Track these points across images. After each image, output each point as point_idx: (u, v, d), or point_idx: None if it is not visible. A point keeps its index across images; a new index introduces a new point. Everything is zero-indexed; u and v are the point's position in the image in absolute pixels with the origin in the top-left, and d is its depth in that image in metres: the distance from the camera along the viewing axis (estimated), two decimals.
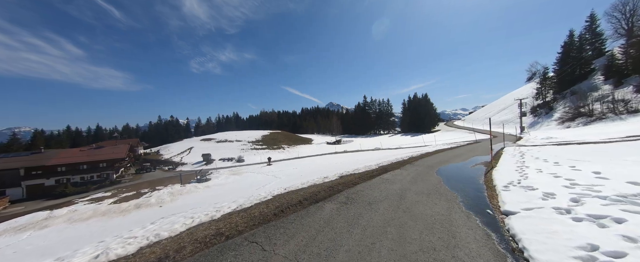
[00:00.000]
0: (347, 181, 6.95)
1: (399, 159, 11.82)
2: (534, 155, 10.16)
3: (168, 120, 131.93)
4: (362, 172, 9.02)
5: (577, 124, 32.21)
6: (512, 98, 72.63)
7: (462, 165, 9.75)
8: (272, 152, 55.05)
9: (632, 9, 53.54)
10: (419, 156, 12.80)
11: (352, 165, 14.45)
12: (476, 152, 14.23)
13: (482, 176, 6.92)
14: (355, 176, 8.16)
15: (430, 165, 9.78)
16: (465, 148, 17.46)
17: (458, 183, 6.09)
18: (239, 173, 34.16)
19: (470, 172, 7.87)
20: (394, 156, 15.43)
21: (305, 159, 42.98)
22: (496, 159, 10.77)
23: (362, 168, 10.85)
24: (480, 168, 8.75)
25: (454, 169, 8.72)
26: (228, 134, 73.96)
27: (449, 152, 14.39)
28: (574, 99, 41.66)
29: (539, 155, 10.26)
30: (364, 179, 7.42)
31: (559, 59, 50.92)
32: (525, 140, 24.50)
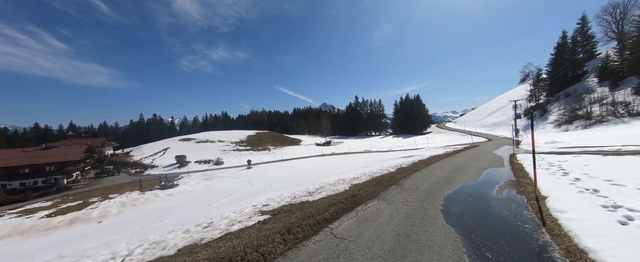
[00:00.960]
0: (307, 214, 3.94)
1: (383, 172, 8.83)
2: (572, 168, 7.41)
3: (151, 119, 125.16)
4: (330, 195, 6.00)
5: (576, 127, 30.50)
6: (503, 100, 71.86)
7: (479, 188, 6.05)
8: (256, 154, 51.48)
9: (622, 12, 53.52)
10: (410, 166, 9.72)
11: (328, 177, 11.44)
12: (482, 160, 11.36)
13: (532, 220, 3.82)
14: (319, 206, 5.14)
15: (429, 189, 6.01)
16: (466, 154, 14.72)
17: (499, 250, 2.95)
18: (213, 177, 30.57)
19: (502, 209, 4.44)
20: (379, 165, 12.48)
21: (289, 162, 39.78)
22: (519, 172, 7.98)
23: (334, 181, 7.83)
24: (512, 196, 5.28)
25: (469, 199, 5.17)
26: (210, 134, 69.65)
27: (448, 161, 11.43)
28: (569, 101, 40.38)
29: (576, 167, 7.50)
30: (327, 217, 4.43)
31: (552, 60, 49.92)
32: (526, 144, 22.21)
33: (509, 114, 57.16)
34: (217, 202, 15.10)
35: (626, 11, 52.30)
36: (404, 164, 10.94)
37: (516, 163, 9.95)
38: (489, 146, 22.58)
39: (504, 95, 77.27)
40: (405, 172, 8.66)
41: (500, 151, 17.37)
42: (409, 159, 13.46)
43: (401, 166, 10.12)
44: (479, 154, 13.98)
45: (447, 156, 13.86)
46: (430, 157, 13.20)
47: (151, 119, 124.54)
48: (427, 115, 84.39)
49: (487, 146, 21.83)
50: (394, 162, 13.25)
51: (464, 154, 14.21)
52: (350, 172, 10.82)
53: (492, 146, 21.75)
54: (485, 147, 20.42)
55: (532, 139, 5.98)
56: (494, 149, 18.25)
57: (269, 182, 21.61)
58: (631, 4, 51.24)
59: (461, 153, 15.41)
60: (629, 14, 52.18)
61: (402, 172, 8.69)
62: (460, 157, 12.94)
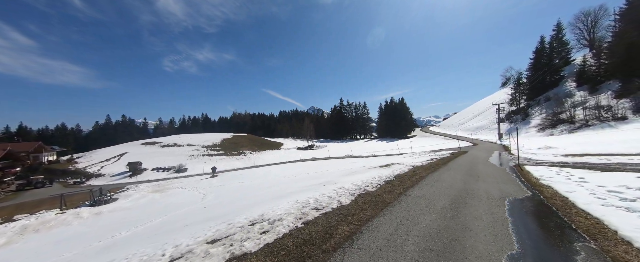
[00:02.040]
0: None
1: (332, 205, 5.42)
2: (599, 186, 4.39)
3: (119, 121, 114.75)
4: None
5: (561, 132, 29.33)
6: (485, 104, 72.45)
7: None
8: (229, 160, 46.75)
9: (593, 20, 55.52)
10: (378, 192, 6.23)
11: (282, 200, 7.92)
12: (484, 177, 7.93)
13: None
14: None
15: None
16: (458, 165, 11.75)
17: None
18: (165, 189, 25.85)
19: None
20: (353, 181, 9.10)
21: (262, 168, 35.73)
22: (567, 208, 4.90)
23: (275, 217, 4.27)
24: None
25: None
26: (180, 138, 63.65)
27: (436, 179, 7.97)
28: (550, 105, 40.01)
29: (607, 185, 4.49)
30: None
31: (532, 65, 50.27)
32: (516, 149, 19.96)
33: (491, 118, 56.95)
34: (122, 234, 10.96)
35: (597, 20, 54.34)
36: (372, 184, 7.56)
37: (537, 183, 6.88)
38: (478, 151, 20.14)
39: (485, 100, 78.22)
40: (366, 209, 5.26)
41: (494, 158, 14.76)
42: (383, 173, 10.20)
43: (365, 191, 6.73)
44: (474, 166, 11.05)
45: (434, 167, 10.77)
46: (411, 171, 10.02)
47: (119, 121, 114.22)
48: (412, 119, 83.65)
49: (476, 152, 19.34)
50: (370, 174, 9.98)
51: (455, 165, 11.22)
52: (302, 194, 7.33)
53: (481, 152, 19.28)
54: (476, 154, 17.85)
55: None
56: (487, 157, 15.63)
57: (225, 197, 17.84)
58: (601, 13, 53.24)
59: (450, 163, 12.48)
60: (599, 22, 54.32)
61: (362, 208, 5.30)
62: (451, 170, 9.89)
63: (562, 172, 8.34)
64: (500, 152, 18.65)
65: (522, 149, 20.01)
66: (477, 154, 17.45)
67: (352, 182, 7.83)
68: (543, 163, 11.02)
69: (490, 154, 17.19)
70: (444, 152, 19.79)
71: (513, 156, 15.11)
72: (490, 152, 19.34)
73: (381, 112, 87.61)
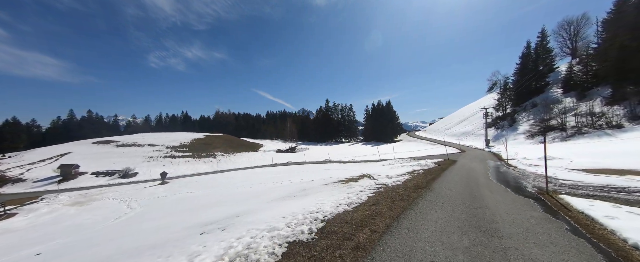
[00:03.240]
0: None
1: None
2: None
3: (85, 117, 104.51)
4: None
5: (553, 139, 27.12)
6: (471, 110, 71.52)
7: None
8: (194, 163, 41.53)
9: (575, 29, 55.72)
10: None
11: None
12: (510, 233, 3.81)
13: None
14: None
15: None
16: (449, 183, 8.13)
17: None
18: (91, 200, 20.69)
19: None
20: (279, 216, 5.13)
21: (227, 174, 31.17)
22: None
23: None
24: None
25: None
26: (143, 136, 57.29)
27: (416, 223, 4.12)
28: (537, 112, 38.45)
29: None
30: None
31: (518, 70, 49.18)
32: (512, 158, 16.95)
33: (477, 123, 55.42)
34: None
35: (579, 28, 54.53)
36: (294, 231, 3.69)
37: None
38: (468, 161, 16.90)
39: (471, 105, 77.51)
40: None
41: (493, 172, 11.39)
42: (332, 201, 6.33)
43: None
44: (474, 190, 7.37)
45: (412, 192, 7.05)
46: (377, 197, 6.27)
47: (84, 117, 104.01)
48: (398, 123, 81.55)
49: (467, 162, 16.05)
50: (293, 211, 6.13)
51: (446, 191, 7.53)
52: None
53: (474, 162, 16.02)
54: (468, 165, 14.50)
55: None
56: (483, 170, 12.26)
57: (151, 215, 13.69)
58: (583, 22, 53.40)
59: (438, 182, 8.84)
60: (581, 31, 54.57)
61: None
62: (440, 201, 6.18)
63: (588, 203, 4.89)
64: (496, 163, 15.45)
65: (516, 157, 17.06)
66: (469, 166, 14.08)
67: (274, 222, 3.89)
68: (579, 187, 7.58)
69: (485, 166, 13.88)
70: (429, 161, 16.44)
71: (518, 172, 11.79)
72: (483, 161, 16.13)
73: (368, 115, 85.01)
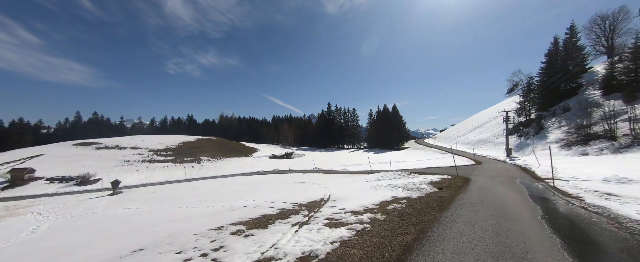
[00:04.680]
0: None
1: None
2: None
3: (92, 119, 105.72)
4: None
5: (600, 150, 20.89)
6: (487, 115, 64.42)
7: None
8: (173, 168, 37.84)
9: (611, 24, 48.43)
10: None
11: None
12: None
13: None
14: None
15: None
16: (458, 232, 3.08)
17: None
18: (15, 213, 16.83)
19: None
20: None
21: (198, 183, 27.01)
22: None
23: None
24: None
25: None
26: (131, 139, 54.82)
27: None
28: (570, 117, 31.93)
29: None
30: None
31: (544, 69, 42.58)
32: (557, 178, 11.25)
33: (495, 130, 48.67)
34: None
35: (616, 23, 47.29)
36: None
37: None
38: (488, 179, 11.56)
39: (487, 110, 70.27)
40: None
41: (542, 209, 6.17)
42: None
43: None
44: None
45: None
46: None
47: (91, 118, 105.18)
48: (405, 128, 75.32)
49: (486, 182, 10.75)
50: None
51: None
52: None
53: (495, 182, 10.71)
54: (488, 187, 9.24)
55: None
56: (519, 202, 7.02)
57: (62, 235, 9.41)
58: (621, 16, 46.16)
59: (431, 236, 3.89)
60: (619, 27, 47.25)
61: None
62: None
63: None
64: (534, 187, 10.02)
65: (561, 175, 11.39)
66: (494, 193, 8.75)
67: None
68: None
69: (520, 194, 8.53)
70: (431, 178, 11.30)
71: (595, 213, 6.50)
72: (512, 183, 10.72)
73: (371, 120, 79.47)
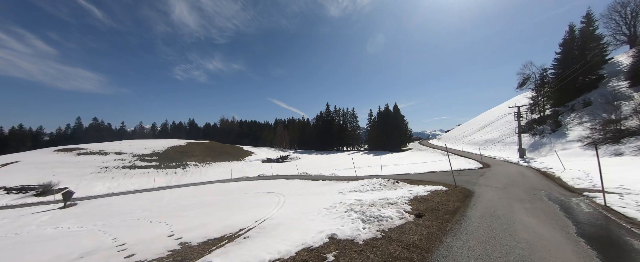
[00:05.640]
0: None
1: None
2: None
3: (93, 124, 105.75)
4: None
5: (638, 150, 16.97)
6: (495, 113, 59.97)
7: None
8: (155, 174, 35.35)
9: (634, 10, 43.85)
10: None
11: None
12: None
13: None
14: None
15: None
16: None
17: None
18: None
19: None
20: None
21: (159, 193, 24.26)
22: None
23: None
24: None
25: None
26: (119, 144, 52.94)
27: None
28: (592, 112, 27.83)
29: None
30: None
31: (559, 60, 38.42)
32: (595, 188, 7.61)
33: (504, 129, 44.46)
34: None
35: (638, 10, 42.76)
36: None
37: None
38: (499, 194, 8.16)
39: (495, 109, 65.73)
40: None
41: None
42: None
43: None
44: None
45: None
46: None
47: (92, 124, 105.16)
48: (406, 128, 71.31)
49: (497, 199, 7.39)
50: None
51: None
52: None
53: (510, 197, 7.34)
54: (502, 214, 5.83)
55: None
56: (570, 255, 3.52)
57: None
58: None
59: None
60: None
61: None
62: None
63: None
64: (572, 207, 6.55)
65: (609, 186, 7.92)
66: (513, 227, 5.27)
67: None
68: None
69: (564, 235, 4.99)
70: (417, 192, 8.04)
71: None
72: (536, 198, 7.29)
73: (372, 120, 75.86)
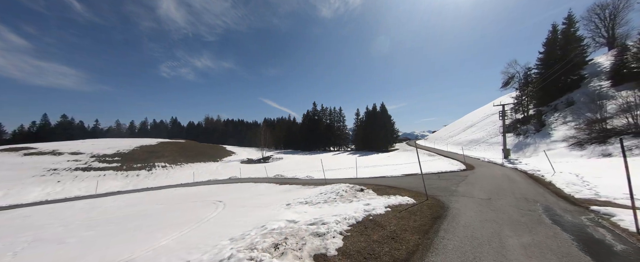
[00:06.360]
0: None
1: None
2: None
3: (62, 121, 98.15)
4: None
5: (628, 150, 15.75)
6: (480, 114, 59.82)
7: None
8: (113, 178, 31.73)
9: (611, 13, 44.48)
10: None
11: None
12: None
13: None
14: None
15: None
16: None
17: None
18: None
19: None
20: None
21: (108, 199, 21.09)
22: None
23: None
24: None
25: None
26: (79, 143, 48.35)
27: None
28: (575, 111, 27.11)
29: None
30: None
31: (542, 60, 38.04)
32: (595, 194, 5.61)
33: (489, 129, 43.84)
34: None
35: (616, 12, 43.33)
36: None
37: None
38: (484, 212, 6.14)
39: (480, 109, 65.77)
40: None
41: None
42: None
43: None
44: None
45: None
46: None
47: (60, 122, 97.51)
48: (393, 128, 70.20)
49: (479, 218, 5.23)
50: None
51: None
52: None
53: (498, 217, 5.13)
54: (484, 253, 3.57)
55: None
56: None
57: None
58: (621, 3, 42.14)
59: None
60: (619, 16, 43.33)
61: None
62: None
63: None
64: (576, 228, 4.48)
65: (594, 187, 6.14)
66: None
67: None
68: None
69: None
70: (374, 207, 5.93)
71: None
72: (534, 219, 5.30)
73: (359, 120, 74.34)
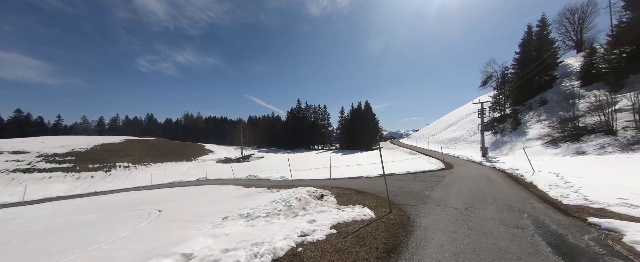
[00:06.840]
0: None
1: None
2: None
3: (11, 118, 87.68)
4: None
5: (601, 148, 15.70)
6: (460, 113, 61.12)
7: None
8: (63, 180, 28.08)
9: (580, 17, 46.77)
10: None
11: None
12: None
13: None
14: None
15: None
16: None
17: None
18: None
19: None
20: None
21: (37, 207, 18.11)
22: None
23: None
24: None
25: None
26: (12, 142, 43.02)
27: None
28: (549, 110, 27.70)
29: None
30: None
31: (518, 60, 39.00)
32: (579, 197, 4.44)
33: (468, 128, 44.53)
34: None
35: (584, 17, 45.62)
36: None
37: None
38: (459, 231, 4.65)
39: (460, 109, 67.30)
40: None
41: None
42: None
43: None
44: None
45: None
46: None
47: (13, 117, 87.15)
48: (376, 126, 70.09)
49: (452, 248, 3.71)
50: None
51: None
52: None
53: (480, 239, 3.70)
54: None
55: None
56: None
57: None
58: (589, 9, 44.32)
59: None
60: (587, 20, 45.66)
61: None
62: None
63: None
64: (573, 245, 3.18)
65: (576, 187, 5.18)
66: None
67: None
68: None
69: None
70: (325, 225, 4.45)
71: None
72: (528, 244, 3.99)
73: (343, 119, 73.49)
